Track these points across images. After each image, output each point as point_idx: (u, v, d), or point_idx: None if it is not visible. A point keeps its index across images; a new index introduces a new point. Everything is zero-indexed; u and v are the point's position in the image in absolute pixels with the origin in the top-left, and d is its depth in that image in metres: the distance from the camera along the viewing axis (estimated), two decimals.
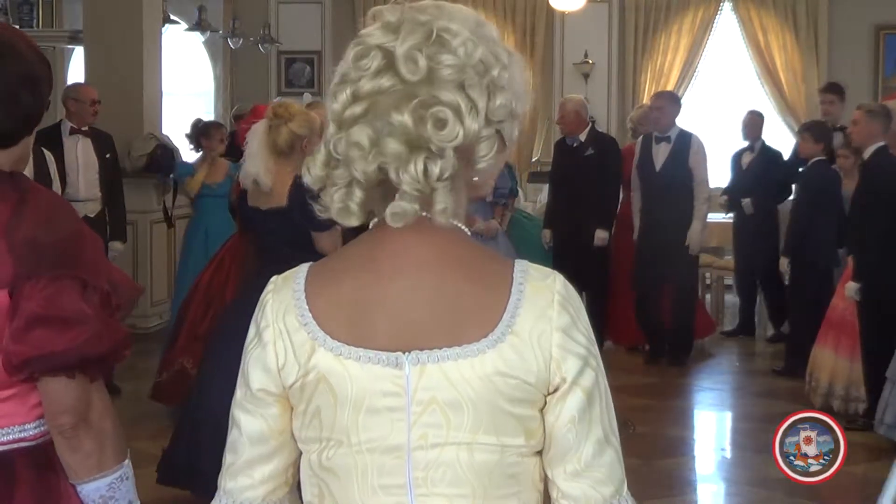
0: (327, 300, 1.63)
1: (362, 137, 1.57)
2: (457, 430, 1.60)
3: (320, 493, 1.66)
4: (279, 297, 1.67)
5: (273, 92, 13.05)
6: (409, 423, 1.60)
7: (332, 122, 1.61)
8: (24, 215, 2.07)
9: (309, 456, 1.67)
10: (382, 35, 1.63)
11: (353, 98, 1.59)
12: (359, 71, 1.61)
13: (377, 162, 1.56)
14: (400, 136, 1.56)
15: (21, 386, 2.12)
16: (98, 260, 2.14)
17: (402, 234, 1.60)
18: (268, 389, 1.66)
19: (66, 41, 11.88)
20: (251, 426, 1.68)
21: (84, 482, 2.15)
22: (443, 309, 1.61)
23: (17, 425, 2.15)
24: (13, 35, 2.19)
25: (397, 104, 1.56)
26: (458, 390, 1.60)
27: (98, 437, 2.13)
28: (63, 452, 2.13)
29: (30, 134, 2.20)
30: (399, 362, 1.60)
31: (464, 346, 1.60)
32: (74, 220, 2.15)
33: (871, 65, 12.84)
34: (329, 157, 1.61)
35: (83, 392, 2.11)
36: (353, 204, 1.60)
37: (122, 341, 2.15)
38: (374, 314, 1.61)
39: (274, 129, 5.29)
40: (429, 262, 1.62)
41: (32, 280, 2.04)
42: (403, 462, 1.61)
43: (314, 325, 1.62)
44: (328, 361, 1.61)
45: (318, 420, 1.63)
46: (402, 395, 1.60)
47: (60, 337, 2.04)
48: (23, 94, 2.12)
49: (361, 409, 1.61)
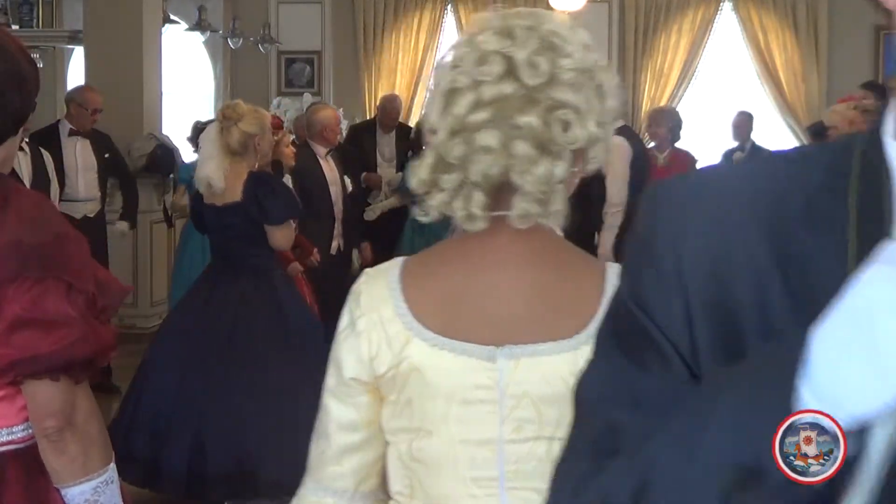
0: (423, 293, 1.68)
1: (492, 140, 1.60)
2: (548, 425, 1.64)
3: (411, 484, 1.68)
4: (373, 287, 1.70)
5: (273, 92, 13.05)
6: (502, 417, 1.64)
7: (445, 128, 1.63)
8: (8, 217, 2.06)
9: (398, 447, 1.69)
10: (498, 41, 1.65)
11: (476, 104, 1.62)
12: (480, 76, 1.63)
13: (503, 164, 1.60)
14: (529, 139, 1.59)
15: (8, 389, 2.11)
16: (83, 261, 2.13)
17: (498, 231, 1.65)
18: (360, 378, 1.69)
19: (66, 41, 11.87)
20: (342, 414, 1.71)
21: (69, 486, 2.14)
22: (538, 304, 1.66)
23: (4, 428, 2.14)
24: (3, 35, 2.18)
25: (522, 107, 1.60)
26: (551, 385, 1.63)
27: (83, 440, 2.12)
28: (48, 456, 2.12)
29: (15, 134, 2.19)
30: (493, 356, 1.63)
31: (558, 341, 1.64)
32: (59, 221, 2.14)
33: (871, 65, 12.83)
34: (439, 161, 1.64)
35: (68, 395, 2.09)
36: (476, 209, 1.64)
37: (108, 343, 2.13)
38: (469, 308, 1.65)
39: (226, 131, 5.37)
40: (525, 259, 1.67)
41: (17, 282, 2.03)
42: (495, 455, 1.64)
43: (409, 316, 1.66)
44: (422, 352, 1.65)
45: (410, 410, 1.66)
46: (494, 389, 1.63)
47: (45, 339, 2.04)
48: (11, 93, 2.11)
49: (454, 401, 1.64)
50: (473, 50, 1.66)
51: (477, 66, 1.64)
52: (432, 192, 1.66)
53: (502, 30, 1.66)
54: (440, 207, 1.65)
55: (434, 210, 1.66)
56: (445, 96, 1.65)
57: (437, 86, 1.68)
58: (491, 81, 1.62)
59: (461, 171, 1.63)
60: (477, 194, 1.63)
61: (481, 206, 1.64)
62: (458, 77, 1.65)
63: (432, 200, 1.66)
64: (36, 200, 2.16)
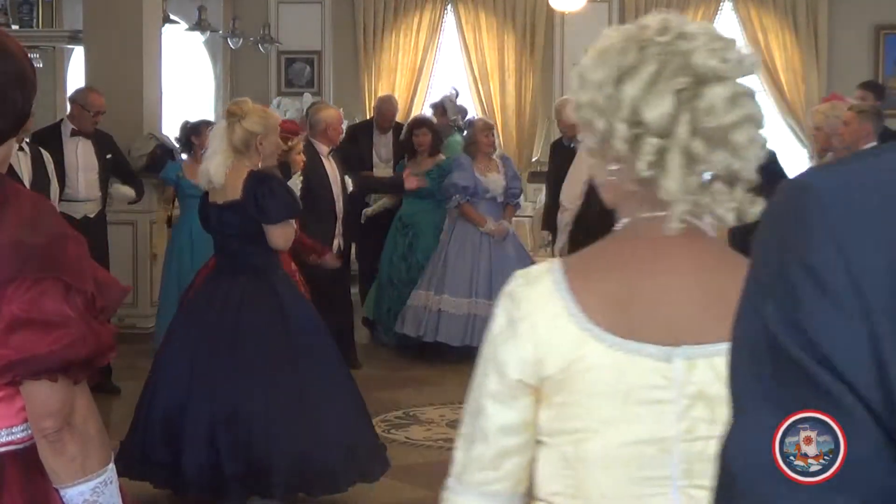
0: (595, 294, 1.68)
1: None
2: (721, 424, 1.64)
3: (575, 485, 1.68)
4: (535, 289, 1.69)
5: (273, 92, 13.05)
6: (677, 416, 1.65)
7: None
8: (7, 218, 2.06)
9: (561, 448, 1.69)
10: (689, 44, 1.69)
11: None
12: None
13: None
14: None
15: (7, 389, 2.10)
16: (82, 261, 2.13)
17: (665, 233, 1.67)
18: (524, 380, 1.68)
19: (66, 41, 11.87)
20: (504, 417, 1.70)
21: (68, 486, 2.13)
22: (709, 304, 1.67)
23: (4, 428, 2.14)
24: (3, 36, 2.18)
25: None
26: (725, 385, 1.64)
27: (82, 440, 2.12)
28: (46, 456, 2.12)
29: (15, 135, 2.19)
30: (669, 356, 1.65)
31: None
32: (58, 221, 2.14)
33: (871, 65, 12.82)
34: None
35: (66, 395, 2.09)
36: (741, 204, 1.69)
37: (107, 343, 2.13)
38: (644, 309, 1.67)
39: (230, 128, 5.38)
40: (692, 260, 1.69)
41: (15, 283, 2.03)
42: (669, 454, 1.66)
43: (583, 317, 1.66)
44: (598, 353, 1.65)
45: (579, 411, 1.66)
46: (670, 389, 1.65)
47: (43, 340, 2.03)
48: (14, 93, 2.12)
49: (629, 401, 1.65)
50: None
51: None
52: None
53: (686, 34, 1.71)
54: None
55: (727, 218, 1.69)
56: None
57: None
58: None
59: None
60: (739, 190, 1.69)
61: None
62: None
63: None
64: (35, 201, 2.16)
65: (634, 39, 1.67)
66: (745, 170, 1.66)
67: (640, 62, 1.65)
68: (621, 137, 1.66)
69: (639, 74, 1.65)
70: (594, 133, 1.70)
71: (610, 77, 1.67)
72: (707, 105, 1.63)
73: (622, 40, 1.69)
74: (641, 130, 1.64)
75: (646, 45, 1.67)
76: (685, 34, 1.67)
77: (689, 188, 1.64)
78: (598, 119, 1.68)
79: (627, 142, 1.65)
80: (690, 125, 1.63)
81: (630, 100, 1.65)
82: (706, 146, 1.63)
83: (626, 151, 1.66)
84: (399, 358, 9.03)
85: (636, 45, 1.67)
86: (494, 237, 8.95)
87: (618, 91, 1.66)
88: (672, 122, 1.63)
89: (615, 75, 1.66)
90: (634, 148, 1.65)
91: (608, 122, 1.67)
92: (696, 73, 1.64)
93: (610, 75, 1.67)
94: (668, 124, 1.63)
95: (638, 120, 1.64)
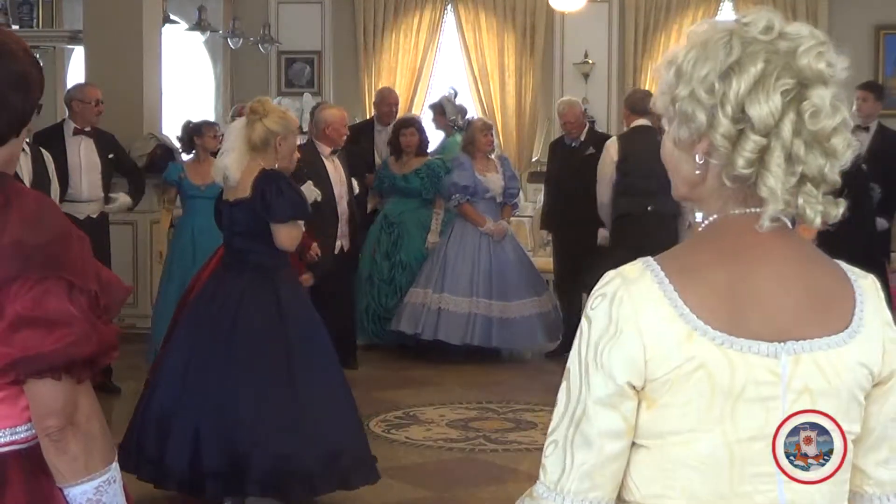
0: (700, 291, 1.67)
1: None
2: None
3: (681, 486, 1.68)
4: (636, 289, 1.68)
5: (273, 92, 13.05)
6: (784, 412, 1.66)
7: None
8: (10, 217, 2.06)
9: (664, 450, 1.68)
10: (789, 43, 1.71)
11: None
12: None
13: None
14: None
15: (11, 388, 2.10)
16: (86, 260, 2.12)
17: (758, 230, 1.68)
18: (633, 383, 1.67)
19: (66, 41, 11.87)
20: (610, 422, 1.68)
21: (71, 485, 2.13)
22: (808, 299, 1.70)
23: (8, 428, 2.14)
24: (5, 36, 2.18)
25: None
26: (828, 379, 1.67)
27: (85, 439, 2.11)
28: (50, 455, 2.12)
29: (17, 136, 2.18)
30: (776, 352, 1.66)
31: (831, 336, 1.68)
32: (61, 221, 2.14)
33: (871, 65, 12.82)
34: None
35: (70, 394, 2.09)
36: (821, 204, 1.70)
37: (110, 343, 2.13)
38: (747, 304, 1.67)
39: (250, 125, 5.39)
40: (790, 255, 1.71)
41: (18, 282, 2.03)
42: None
43: (692, 315, 1.66)
44: (709, 351, 1.65)
45: (687, 411, 1.66)
46: (777, 384, 1.66)
47: (46, 338, 2.03)
48: (13, 95, 2.11)
49: (739, 399, 1.65)
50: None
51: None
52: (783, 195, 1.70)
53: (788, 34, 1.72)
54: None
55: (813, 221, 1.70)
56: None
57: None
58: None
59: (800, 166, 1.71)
60: (815, 189, 1.70)
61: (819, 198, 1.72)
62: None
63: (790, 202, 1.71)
64: (38, 200, 2.16)
65: (738, 35, 1.68)
66: (832, 173, 1.68)
67: (747, 59, 1.66)
68: (724, 133, 1.66)
69: (746, 71, 1.65)
70: (690, 126, 1.69)
71: (715, 71, 1.66)
72: (813, 108, 1.64)
73: (725, 35, 1.68)
74: (744, 126, 1.65)
75: (750, 42, 1.67)
76: (787, 34, 1.69)
77: (786, 188, 1.65)
78: (699, 112, 1.67)
79: (729, 137, 1.65)
80: (794, 126, 1.64)
81: (736, 95, 1.65)
82: (806, 148, 1.65)
83: (726, 147, 1.66)
84: (399, 358, 9.03)
85: (740, 41, 1.67)
86: (494, 237, 8.95)
87: (724, 85, 1.65)
88: (777, 121, 1.64)
89: (721, 69, 1.66)
90: (735, 144, 1.65)
91: (710, 116, 1.66)
92: (801, 75, 1.65)
93: (715, 69, 1.66)
94: (773, 123, 1.64)
95: (742, 116, 1.65)
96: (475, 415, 7.39)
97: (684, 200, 1.80)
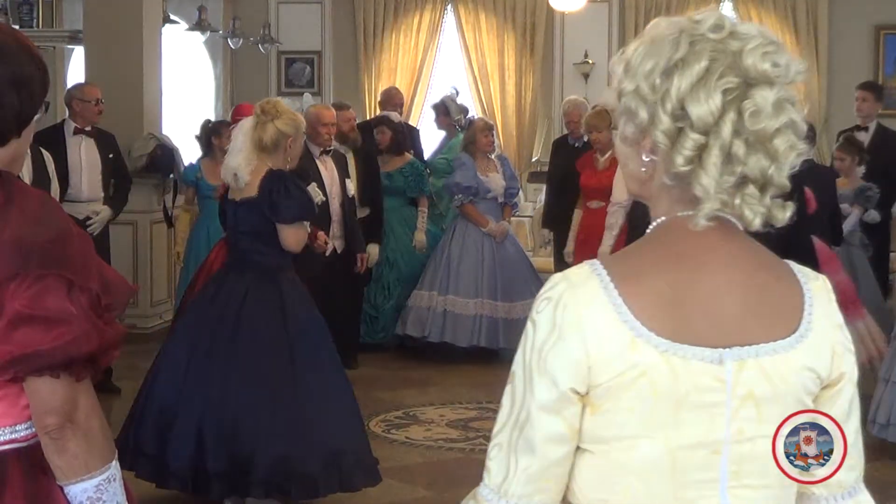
0: (645, 296, 1.65)
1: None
2: (767, 423, 1.66)
3: (622, 491, 1.66)
4: (581, 293, 1.65)
5: (273, 92, 13.05)
6: (728, 419, 1.65)
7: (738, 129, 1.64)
8: (11, 216, 2.06)
9: (608, 455, 1.66)
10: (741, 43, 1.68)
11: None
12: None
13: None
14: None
15: (11, 387, 2.10)
16: (86, 259, 2.12)
17: (707, 231, 1.66)
18: (576, 388, 1.65)
19: (66, 41, 11.87)
20: (554, 427, 1.66)
21: (71, 483, 2.13)
22: (753, 304, 1.67)
23: (7, 426, 2.14)
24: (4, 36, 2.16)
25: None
26: (773, 384, 1.66)
27: (85, 437, 2.11)
28: (50, 453, 2.12)
29: (19, 136, 2.18)
30: (721, 358, 1.64)
31: (778, 341, 1.66)
32: (62, 219, 2.14)
33: (871, 65, 12.83)
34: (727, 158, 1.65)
35: (69, 392, 2.09)
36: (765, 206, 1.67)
37: (111, 341, 2.13)
38: (691, 309, 1.65)
39: (260, 126, 5.37)
40: (736, 259, 1.68)
41: (18, 279, 2.03)
42: (720, 456, 1.65)
43: (635, 321, 1.63)
44: (651, 358, 1.63)
45: (630, 417, 1.64)
46: (722, 391, 1.64)
47: (45, 336, 2.03)
48: (9, 95, 2.11)
49: (682, 406, 1.64)
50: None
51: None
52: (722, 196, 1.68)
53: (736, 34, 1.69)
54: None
55: (754, 222, 1.68)
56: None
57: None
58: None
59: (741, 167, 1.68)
60: (763, 194, 1.68)
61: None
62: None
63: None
64: (40, 199, 2.16)
65: (687, 32, 1.65)
66: (779, 175, 1.65)
67: (692, 56, 1.63)
68: (664, 130, 1.64)
69: (690, 68, 1.63)
70: (634, 122, 1.68)
71: (659, 67, 1.65)
72: (754, 107, 1.62)
73: (674, 32, 1.66)
74: (684, 125, 1.63)
75: (698, 41, 1.64)
76: (738, 34, 1.66)
77: (722, 187, 1.63)
78: (641, 108, 1.66)
79: (668, 134, 1.64)
80: (734, 125, 1.62)
81: (678, 93, 1.63)
82: (746, 148, 1.62)
83: (665, 144, 1.64)
84: (399, 358, 9.03)
85: (688, 39, 1.65)
86: (496, 238, 8.95)
87: (666, 82, 1.64)
88: (717, 120, 1.62)
89: (665, 66, 1.64)
90: (675, 141, 1.64)
91: (652, 113, 1.65)
92: (747, 75, 1.63)
93: (659, 65, 1.65)
94: (713, 122, 1.62)
95: (683, 114, 1.63)
96: (475, 415, 7.39)
97: (638, 199, 1.77)
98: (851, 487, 1.78)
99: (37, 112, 2.19)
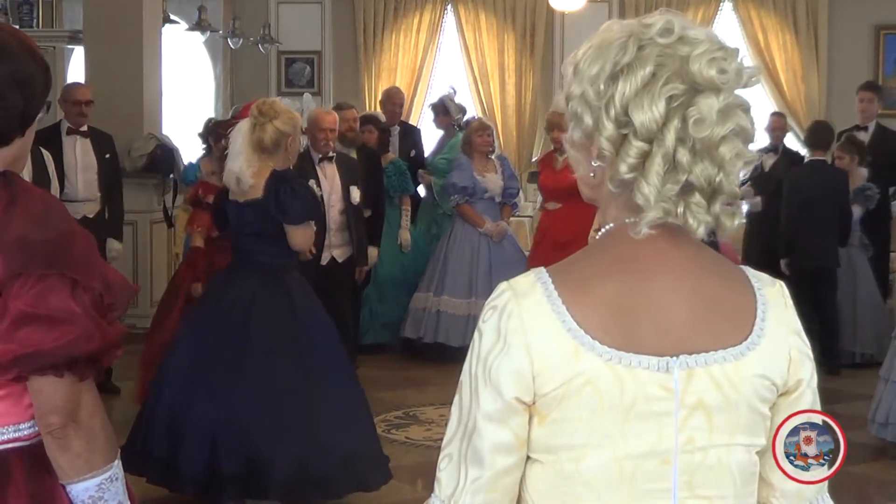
0: (590, 305, 1.62)
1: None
2: (718, 433, 1.64)
3: (573, 501, 1.64)
4: (525, 302, 1.63)
5: (273, 92, 13.04)
6: (677, 428, 1.62)
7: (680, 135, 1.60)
8: (15, 215, 2.07)
9: (557, 465, 1.64)
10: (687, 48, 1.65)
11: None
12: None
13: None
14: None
15: (15, 386, 2.11)
16: (90, 259, 2.13)
17: (655, 238, 1.63)
18: (521, 398, 1.62)
19: (66, 41, 11.87)
20: (499, 437, 1.64)
21: (73, 482, 2.14)
22: (702, 311, 1.64)
23: (11, 425, 2.15)
24: (6, 35, 2.17)
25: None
26: (724, 393, 1.63)
27: (87, 436, 2.12)
28: (52, 452, 2.13)
29: (22, 135, 2.18)
30: (668, 367, 1.61)
31: (728, 348, 1.63)
32: (66, 219, 2.14)
33: (871, 65, 12.83)
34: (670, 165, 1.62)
35: (72, 391, 2.09)
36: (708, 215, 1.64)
37: (114, 341, 2.13)
38: (638, 318, 1.62)
39: (259, 128, 5.36)
40: (684, 266, 1.66)
41: (21, 278, 2.04)
42: (670, 466, 1.63)
43: (579, 330, 1.61)
44: (597, 367, 1.60)
45: (577, 427, 1.62)
46: (670, 400, 1.61)
47: (48, 335, 2.04)
48: (12, 95, 2.11)
49: (629, 415, 1.61)
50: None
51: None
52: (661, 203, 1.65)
53: (686, 39, 1.65)
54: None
55: (697, 229, 1.64)
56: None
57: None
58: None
59: (684, 174, 1.65)
60: (706, 199, 1.65)
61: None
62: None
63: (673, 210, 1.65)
64: (44, 199, 2.17)
65: (635, 36, 1.62)
66: (728, 183, 1.61)
67: (638, 61, 1.60)
68: (608, 136, 1.60)
69: (634, 74, 1.59)
70: (581, 127, 1.65)
71: (605, 72, 1.61)
72: (698, 115, 1.58)
73: (623, 36, 1.63)
74: (628, 132, 1.59)
75: (646, 45, 1.61)
76: (687, 39, 1.61)
77: (666, 196, 1.59)
78: (586, 113, 1.63)
79: (612, 141, 1.60)
80: (678, 133, 1.58)
81: (622, 99, 1.59)
82: (691, 156, 1.59)
83: (610, 151, 1.61)
84: (399, 358, 9.03)
85: (636, 43, 1.61)
86: (493, 238, 8.95)
87: (611, 88, 1.60)
88: (660, 127, 1.58)
89: (610, 71, 1.61)
90: (619, 148, 1.60)
91: (596, 118, 1.62)
92: (693, 81, 1.59)
93: (605, 70, 1.61)
94: (656, 129, 1.58)
95: (627, 120, 1.59)
96: None
97: (590, 202, 1.74)
98: (814, 498, 1.75)
99: (39, 111, 2.20)
